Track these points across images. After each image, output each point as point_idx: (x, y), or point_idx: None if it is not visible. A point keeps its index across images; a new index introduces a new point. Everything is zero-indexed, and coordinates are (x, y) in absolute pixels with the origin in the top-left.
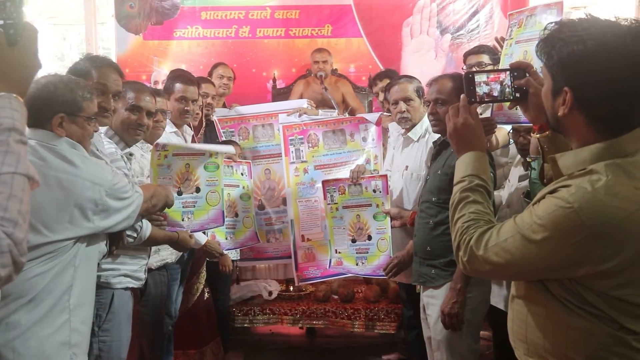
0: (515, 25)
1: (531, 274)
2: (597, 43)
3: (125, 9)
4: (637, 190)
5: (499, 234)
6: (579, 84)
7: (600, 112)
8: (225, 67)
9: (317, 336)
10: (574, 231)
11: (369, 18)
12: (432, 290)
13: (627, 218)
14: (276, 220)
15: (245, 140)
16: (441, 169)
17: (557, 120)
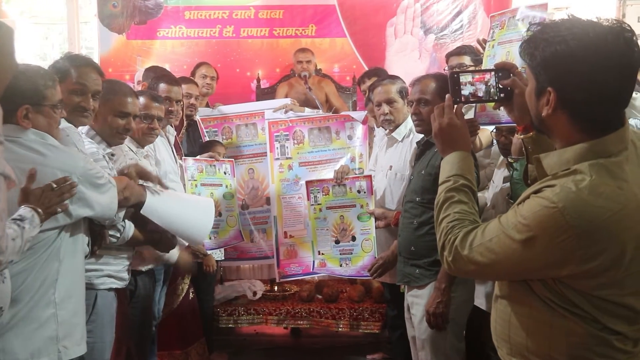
0: (497, 26)
1: (516, 273)
2: (580, 43)
3: (108, 8)
4: (620, 190)
5: (484, 234)
6: (563, 84)
7: (584, 112)
8: (209, 66)
9: (301, 336)
10: (558, 231)
11: (353, 18)
12: (416, 290)
13: (611, 218)
14: (260, 219)
15: (229, 139)
16: (425, 169)
17: (541, 121)
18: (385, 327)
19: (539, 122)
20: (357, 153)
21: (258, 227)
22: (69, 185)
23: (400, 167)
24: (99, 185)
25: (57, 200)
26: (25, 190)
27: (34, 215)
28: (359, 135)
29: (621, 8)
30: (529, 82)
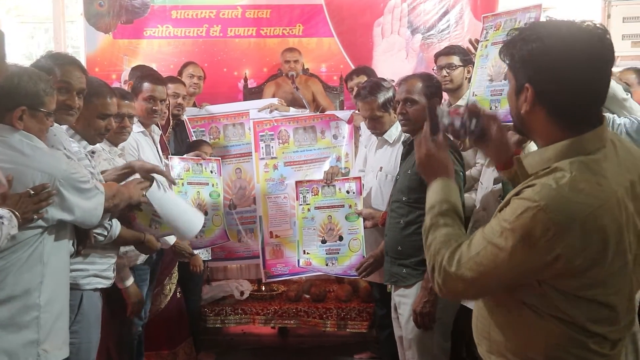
0: (491, 27)
1: (506, 282)
2: (555, 40)
3: (95, 8)
4: (600, 187)
5: (470, 249)
6: (539, 80)
7: (561, 108)
8: (196, 66)
9: (289, 336)
10: (543, 229)
11: (340, 18)
12: (403, 289)
13: (592, 213)
14: (248, 219)
15: (216, 139)
16: (411, 168)
17: (521, 119)
18: (373, 327)
19: (519, 121)
20: (342, 152)
21: (246, 227)
22: (46, 194)
23: (390, 169)
24: (82, 190)
25: (33, 208)
26: (4, 195)
27: (12, 216)
28: (345, 135)
29: (606, 8)
30: (509, 84)
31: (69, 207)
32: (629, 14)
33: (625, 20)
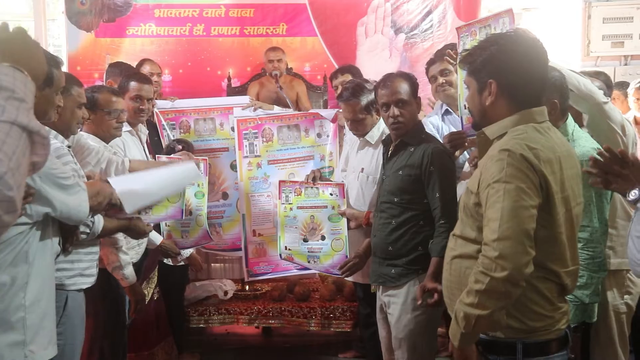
0: (467, 37)
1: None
2: (508, 42)
3: (76, 6)
4: (548, 143)
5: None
6: (500, 74)
7: (518, 93)
8: (153, 63)
9: (273, 335)
10: (522, 167)
11: (324, 17)
12: (392, 289)
13: (547, 158)
14: (215, 214)
15: (186, 133)
16: (402, 169)
17: (485, 112)
18: (357, 326)
19: (482, 116)
20: (326, 151)
21: (213, 222)
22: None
23: (372, 170)
24: (64, 186)
25: None
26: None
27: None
28: (329, 133)
29: (587, 9)
30: (470, 89)
31: (49, 201)
32: (609, 15)
33: (605, 21)
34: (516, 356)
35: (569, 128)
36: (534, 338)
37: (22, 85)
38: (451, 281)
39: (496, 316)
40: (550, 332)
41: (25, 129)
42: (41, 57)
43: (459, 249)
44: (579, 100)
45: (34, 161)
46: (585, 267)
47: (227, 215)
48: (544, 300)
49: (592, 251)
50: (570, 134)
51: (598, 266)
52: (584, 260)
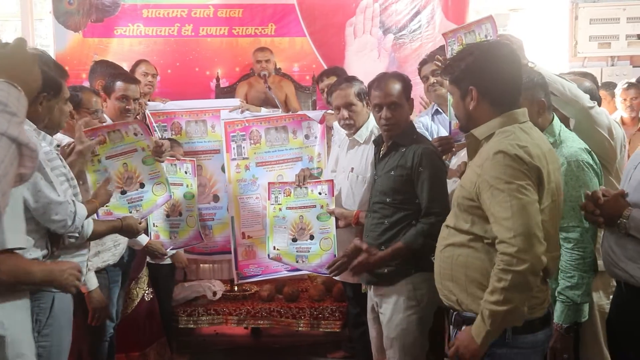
0: (454, 42)
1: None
2: (481, 51)
3: (64, 6)
4: (533, 141)
5: (501, 228)
6: (479, 80)
7: (499, 97)
8: (148, 64)
9: (262, 336)
10: (518, 166)
11: (313, 17)
12: (384, 288)
13: (537, 155)
14: (206, 216)
15: (178, 135)
16: (395, 169)
17: (469, 116)
18: (346, 326)
19: (467, 119)
20: (315, 152)
21: (203, 224)
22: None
23: (361, 170)
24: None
25: None
26: None
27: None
28: (317, 135)
29: (574, 10)
30: (453, 97)
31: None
32: (596, 16)
33: (592, 22)
34: (506, 334)
35: (555, 129)
36: None
37: (15, 101)
38: (443, 267)
39: (521, 309)
40: (536, 312)
41: (15, 141)
42: (37, 73)
43: (451, 238)
44: (564, 105)
45: (21, 173)
46: (575, 268)
47: (217, 218)
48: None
49: (582, 251)
50: (558, 135)
51: (589, 266)
52: (575, 260)
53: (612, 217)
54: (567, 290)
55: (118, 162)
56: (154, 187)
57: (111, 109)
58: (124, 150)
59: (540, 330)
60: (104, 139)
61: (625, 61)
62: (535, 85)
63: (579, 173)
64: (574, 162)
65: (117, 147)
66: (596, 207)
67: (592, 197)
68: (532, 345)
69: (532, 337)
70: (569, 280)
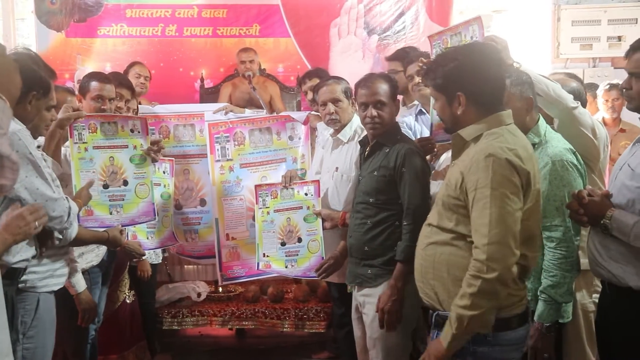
0: (439, 45)
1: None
2: (465, 56)
3: (46, 5)
4: (520, 143)
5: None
6: (465, 86)
7: (485, 101)
8: (142, 66)
9: (246, 337)
10: (506, 172)
11: (297, 18)
12: (368, 289)
13: (524, 158)
14: (192, 220)
15: (166, 139)
16: (378, 170)
17: (457, 120)
18: (331, 327)
19: (454, 122)
20: (298, 154)
21: (189, 228)
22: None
23: (346, 169)
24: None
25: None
26: None
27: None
28: (301, 136)
29: (556, 12)
30: (437, 101)
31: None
32: (578, 18)
33: (574, 23)
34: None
35: (541, 129)
36: (503, 314)
37: (0, 113)
38: (424, 266)
39: (487, 316)
40: (515, 309)
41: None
42: (18, 80)
43: (434, 236)
44: (548, 105)
45: (2, 184)
46: (557, 267)
47: (204, 222)
48: (512, 281)
49: (565, 250)
50: (543, 135)
51: (571, 265)
52: (557, 259)
53: (595, 217)
54: (549, 289)
55: (105, 154)
56: (137, 188)
57: (87, 109)
58: (114, 144)
59: (521, 326)
60: (94, 128)
61: (606, 63)
62: (524, 82)
63: (563, 173)
64: (558, 162)
65: (108, 140)
66: (581, 207)
67: (577, 197)
68: (513, 342)
69: (512, 334)
70: (551, 279)
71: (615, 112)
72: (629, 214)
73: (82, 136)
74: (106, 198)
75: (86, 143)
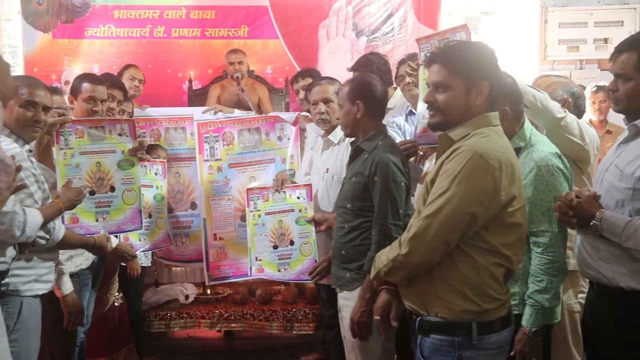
0: (427, 48)
1: (456, 226)
2: (482, 47)
3: (33, 6)
4: (507, 144)
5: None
6: (491, 76)
7: (495, 95)
8: (137, 69)
9: (235, 339)
10: (482, 170)
11: (285, 19)
12: (346, 292)
13: (508, 159)
14: (183, 224)
15: (157, 142)
16: (355, 176)
17: (468, 110)
18: (319, 328)
19: (463, 114)
20: (287, 154)
21: (180, 231)
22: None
23: (337, 170)
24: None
25: None
26: None
27: None
28: (290, 137)
29: (543, 14)
30: (449, 89)
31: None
32: (565, 20)
33: (561, 25)
34: (472, 335)
35: (526, 132)
36: (486, 318)
37: None
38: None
39: (390, 274)
40: (499, 312)
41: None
42: (10, 81)
43: None
44: (535, 115)
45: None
46: (545, 272)
47: (194, 226)
48: (497, 284)
49: (551, 256)
50: (528, 139)
51: (558, 270)
52: (544, 265)
53: (584, 218)
54: (535, 294)
55: (92, 159)
56: (124, 194)
57: (78, 111)
58: (101, 149)
59: (504, 329)
60: (81, 133)
61: (593, 65)
62: (499, 93)
63: (549, 178)
64: (544, 166)
65: (95, 145)
66: (569, 209)
67: (565, 199)
68: (498, 345)
69: (496, 337)
70: (538, 284)
71: (602, 114)
72: (619, 215)
73: (68, 142)
74: (92, 204)
75: (72, 149)
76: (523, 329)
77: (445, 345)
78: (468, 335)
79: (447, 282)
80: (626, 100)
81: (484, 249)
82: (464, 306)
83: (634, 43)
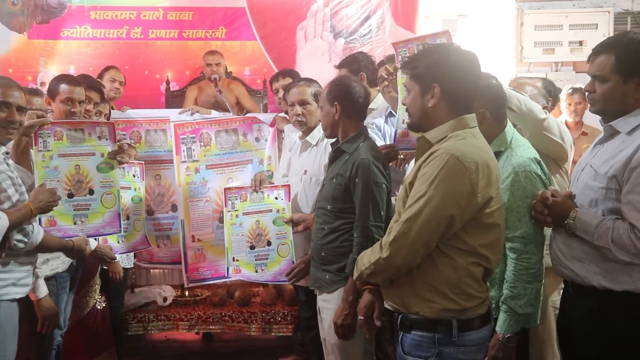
0: (405, 52)
1: (433, 229)
2: (448, 51)
3: (7, 6)
4: (484, 146)
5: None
6: (443, 79)
7: (457, 99)
8: (117, 71)
9: (213, 341)
10: (459, 173)
11: (263, 21)
12: (326, 294)
13: (485, 161)
14: (165, 225)
15: (137, 144)
16: (336, 177)
17: (426, 114)
18: (298, 330)
19: (423, 116)
20: (265, 155)
21: (161, 234)
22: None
23: (315, 172)
24: None
25: None
26: None
27: None
28: (267, 138)
29: (519, 17)
30: (411, 91)
31: None
32: (541, 22)
33: (537, 28)
34: (452, 332)
35: (507, 136)
36: (466, 315)
37: None
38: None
39: (372, 276)
40: (479, 309)
41: None
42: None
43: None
44: (519, 119)
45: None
46: (518, 278)
47: (175, 228)
48: (476, 283)
49: (526, 262)
50: (509, 142)
51: (532, 277)
52: (518, 271)
53: (559, 217)
54: (509, 300)
55: (71, 162)
56: (103, 197)
57: (56, 112)
58: (80, 152)
59: (484, 326)
60: (60, 135)
61: (568, 67)
62: (480, 97)
63: (526, 184)
64: (521, 172)
65: (74, 147)
66: (545, 208)
67: (541, 198)
68: (477, 342)
69: (476, 334)
70: (512, 290)
71: (577, 115)
72: (592, 214)
73: (47, 144)
74: (70, 208)
75: (51, 151)
76: (496, 335)
77: (426, 342)
78: (448, 332)
79: (428, 282)
80: (603, 101)
81: (463, 249)
82: (444, 305)
83: (611, 45)
